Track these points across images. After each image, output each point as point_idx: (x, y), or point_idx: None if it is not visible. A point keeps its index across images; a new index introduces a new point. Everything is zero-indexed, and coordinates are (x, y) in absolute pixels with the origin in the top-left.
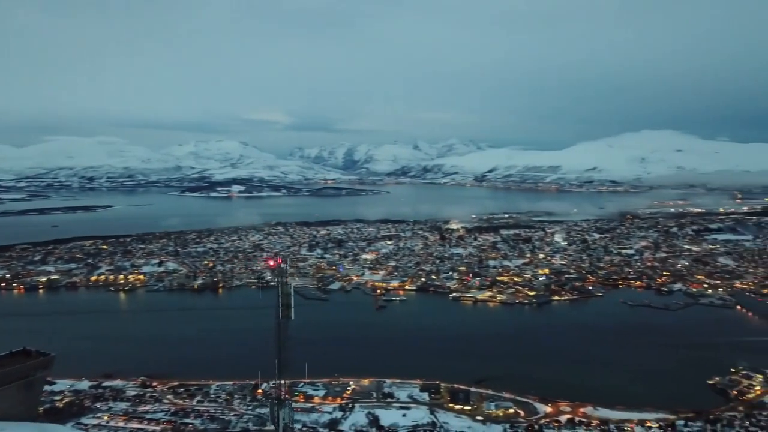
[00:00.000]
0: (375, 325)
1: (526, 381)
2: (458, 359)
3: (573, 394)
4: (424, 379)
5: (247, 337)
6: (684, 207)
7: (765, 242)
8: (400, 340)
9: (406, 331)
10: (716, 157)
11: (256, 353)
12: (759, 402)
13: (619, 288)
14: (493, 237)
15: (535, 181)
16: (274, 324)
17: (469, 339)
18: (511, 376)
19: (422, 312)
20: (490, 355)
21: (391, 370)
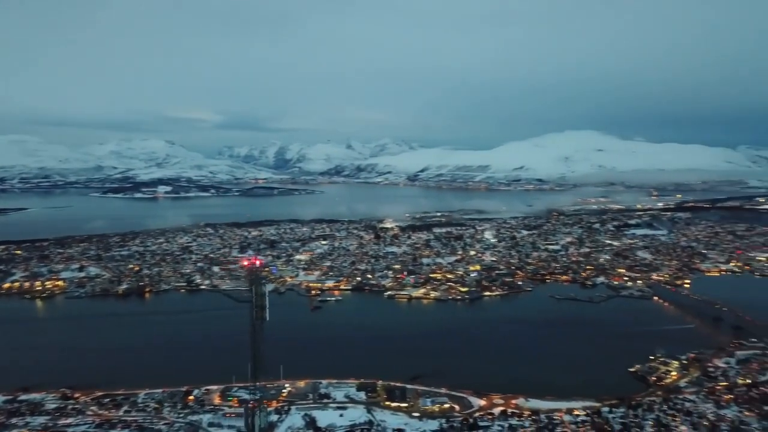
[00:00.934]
0: (310, 326)
1: (460, 376)
2: (394, 357)
3: (505, 387)
4: (361, 379)
5: (178, 342)
6: (605, 204)
7: (678, 236)
8: (335, 341)
9: (342, 331)
10: (633, 157)
11: (188, 358)
12: (675, 387)
13: (546, 282)
14: (427, 235)
15: (466, 180)
16: (249, 325)
17: (404, 336)
18: (445, 372)
19: (358, 311)
20: (425, 352)
21: (327, 371)
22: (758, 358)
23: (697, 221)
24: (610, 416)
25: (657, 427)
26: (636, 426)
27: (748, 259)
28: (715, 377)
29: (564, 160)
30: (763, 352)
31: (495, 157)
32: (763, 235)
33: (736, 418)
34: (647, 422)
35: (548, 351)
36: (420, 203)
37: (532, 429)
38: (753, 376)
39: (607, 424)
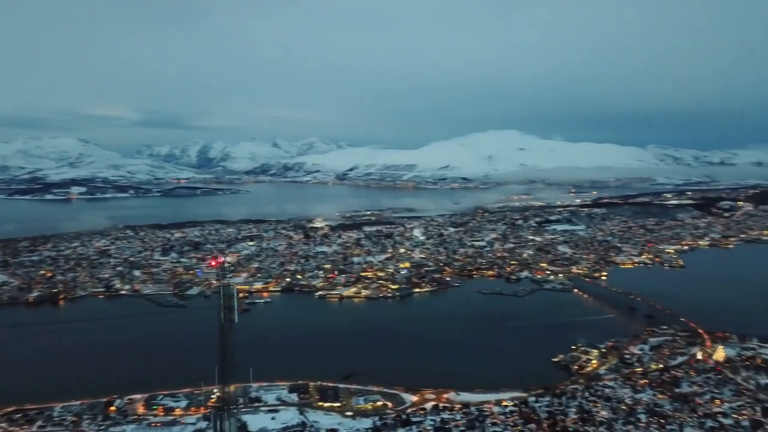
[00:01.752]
0: (239, 329)
1: (392, 373)
2: (326, 357)
3: (436, 382)
4: (293, 380)
5: (97, 351)
6: (527, 201)
7: (595, 231)
8: (265, 343)
9: (272, 332)
10: (553, 155)
11: (109, 367)
12: (596, 374)
13: (473, 278)
14: (357, 234)
15: (394, 179)
16: (217, 328)
17: (336, 336)
18: (378, 370)
19: (288, 312)
20: (358, 351)
21: (257, 374)
22: (669, 343)
23: (612, 216)
24: (536, 405)
25: (580, 413)
26: (561, 413)
27: (658, 252)
28: (631, 363)
29: (488, 159)
30: (673, 338)
31: (422, 156)
32: (670, 228)
33: (650, 401)
34: (571, 409)
35: (476, 344)
36: (350, 202)
37: (464, 422)
38: (664, 361)
39: (533, 413)
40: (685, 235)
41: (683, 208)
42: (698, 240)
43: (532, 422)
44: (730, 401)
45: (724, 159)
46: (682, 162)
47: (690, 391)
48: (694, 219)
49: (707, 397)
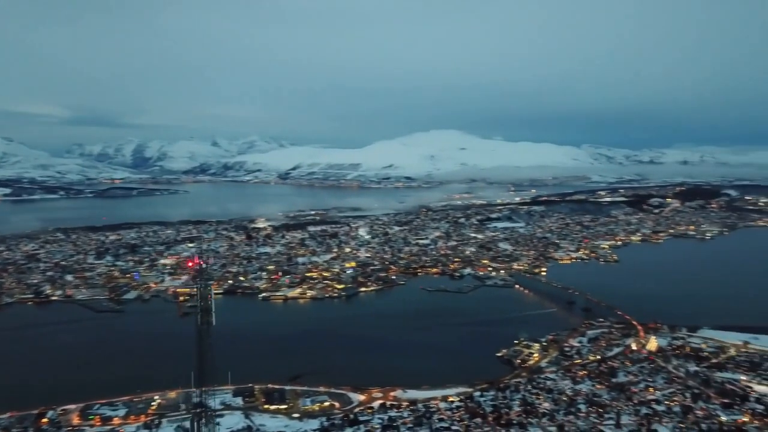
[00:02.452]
0: (179, 333)
1: (339, 373)
2: (272, 359)
3: (383, 380)
4: (237, 384)
5: (27, 360)
6: (469, 199)
7: (535, 228)
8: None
9: (214, 336)
10: (493, 155)
11: (40, 377)
12: (537, 367)
13: (418, 276)
14: (301, 234)
15: (338, 178)
16: (195, 330)
17: (281, 337)
18: (325, 370)
19: (231, 315)
20: (304, 352)
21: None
22: (605, 335)
23: (550, 214)
24: (481, 400)
25: (523, 405)
26: (505, 406)
27: (594, 247)
28: (571, 356)
29: (430, 158)
30: (609, 330)
31: (365, 155)
32: (605, 225)
33: (589, 391)
34: (515, 402)
35: (422, 342)
36: (293, 201)
37: (411, 419)
38: (602, 352)
39: (479, 407)
40: (618, 231)
41: (616, 205)
42: (631, 235)
43: (478, 416)
44: (663, 388)
45: (653, 158)
46: (614, 161)
47: (626, 381)
48: (627, 215)
49: (642, 386)
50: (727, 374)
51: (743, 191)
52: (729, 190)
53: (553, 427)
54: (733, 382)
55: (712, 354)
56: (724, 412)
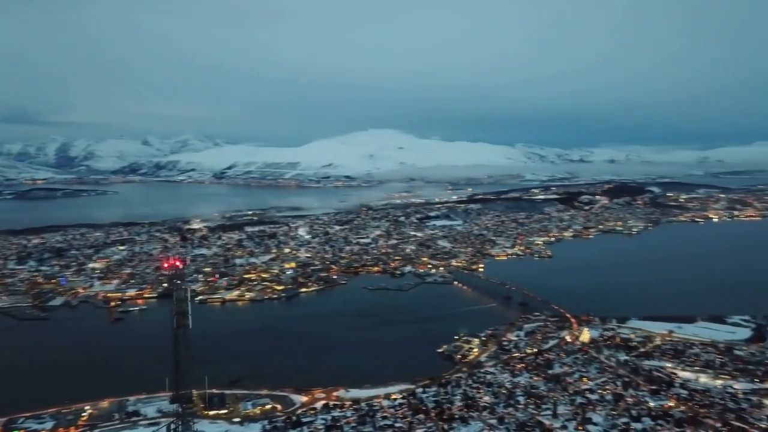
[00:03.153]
0: (111, 340)
1: (280, 375)
2: (210, 363)
3: (326, 380)
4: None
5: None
6: (408, 198)
7: (472, 226)
8: (142, 353)
9: (148, 342)
10: (430, 154)
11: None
12: (477, 362)
13: (359, 275)
14: (239, 235)
15: (276, 177)
16: (171, 334)
17: (220, 341)
18: (266, 372)
19: (166, 320)
20: (244, 355)
21: (134, 387)
22: (541, 329)
23: (486, 211)
24: (424, 396)
25: (465, 400)
26: (447, 402)
27: (529, 243)
28: (509, 349)
29: (369, 157)
30: (544, 323)
31: (304, 154)
32: (539, 221)
33: (527, 383)
34: (456, 397)
35: (365, 340)
36: (230, 201)
37: (354, 418)
38: (538, 345)
39: (422, 404)
40: (551, 227)
41: (549, 202)
42: (563, 232)
43: (421, 413)
44: (596, 378)
45: (583, 157)
46: (546, 159)
47: (561, 372)
48: (559, 212)
49: (576, 376)
50: (654, 362)
51: (665, 188)
52: (653, 187)
53: (494, 419)
54: (660, 370)
55: (640, 343)
56: (652, 398)
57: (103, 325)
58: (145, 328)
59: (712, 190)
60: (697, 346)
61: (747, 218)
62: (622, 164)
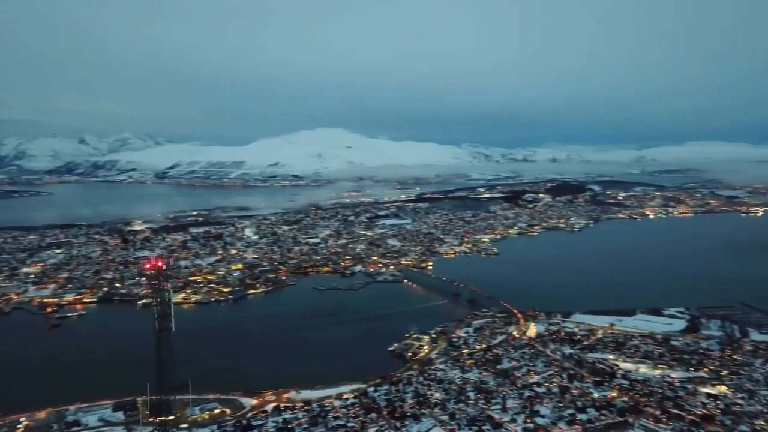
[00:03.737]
0: (48, 347)
1: (229, 378)
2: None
3: (276, 382)
4: (117, 397)
5: None
6: (357, 197)
7: (420, 224)
8: (82, 360)
9: (88, 348)
10: (378, 153)
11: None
12: (428, 359)
13: (309, 275)
14: (183, 236)
15: (220, 177)
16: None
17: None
18: (214, 376)
19: (107, 325)
20: (190, 359)
21: (75, 395)
22: (489, 325)
23: (435, 210)
24: (375, 395)
25: (416, 397)
26: (399, 399)
27: (476, 241)
28: (459, 346)
29: (317, 156)
30: (492, 319)
31: (250, 153)
32: (485, 220)
33: (477, 379)
34: (408, 395)
35: (315, 341)
36: (173, 202)
37: (306, 419)
38: (487, 341)
39: (373, 402)
40: (497, 225)
41: (495, 201)
42: (508, 229)
43: (373, 411)
44: (542, 372)
45: (526, 156)
46: (491, 159)
47: (509, 366)
48: (504, 211)
49: (524, 370)
50: (597, 354)
51: (605, 186)
52: (593, 186)
53: (445, 415)
54: (603, 362)
55: (584, 337)
56: (595, 389)
57: (39, 332)
58: (84, 335)
59: (648, 188)
60: (636, 338)
61: (680, 215)
62: (563, 163)
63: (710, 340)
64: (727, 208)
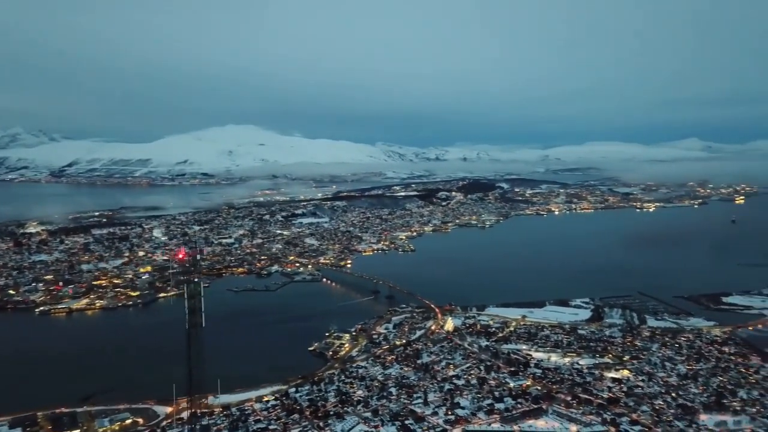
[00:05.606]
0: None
1: (141, 386)
2: (57, 380)
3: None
4: (14, 413)
5: None
6: (273, 196)
7: (338, 223)
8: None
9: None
10: (292, 151)
11: None
12: (349, 357)
13: (223, 276)
14: (85, 238)
15: (124, 175)
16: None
17: (68, 355)
18: (124, 385)
19: (1, 334)
20: (97, 368)
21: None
22: (408, 320)
23: (352, 208)
24: (297, 396)
25: (339, 396)
26: (321, 399)
27: (393, 238)
28: (379, 342)
29: (228, 153)
30: (411, 315)
31: (156, 150)
32: (401, 217)
33: (398, 374)
34: (330, 394)
35: (232, 344)
36: (73, 202)
37: (225, 424)
38: (406, 337)
39: (295, 403)
40: (413, 222)
41: (410, 199)
42: (424, 226)
43: (295, 412)
44: (461, 364)
45: (439, 155)
46: (405, 158)
47: (429, 361)
48: (420, 208)
49: (443, 364)
50: (512, 345)
51: (513, 184)
52: (502, 184)
53: (368, 412)
54: (517, 352)
55: (498, 329)
56: (511, 379)
57: None
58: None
59: (553, 185)
60: (547, 329)
61: (582, 211)
62: (474, 162)
63: (613, 327)
64: (623, 204)
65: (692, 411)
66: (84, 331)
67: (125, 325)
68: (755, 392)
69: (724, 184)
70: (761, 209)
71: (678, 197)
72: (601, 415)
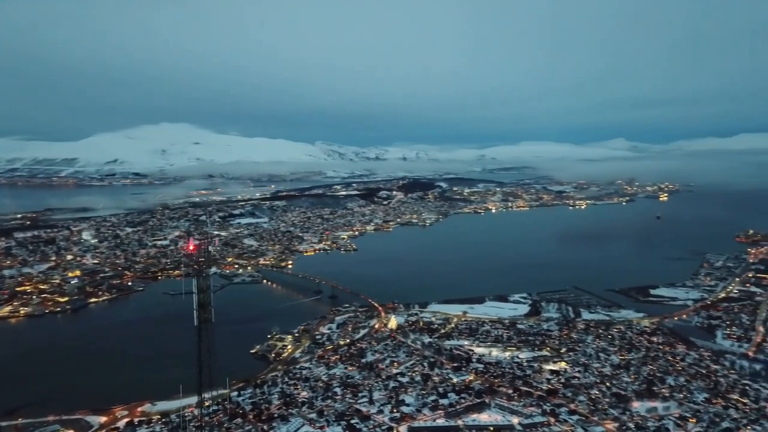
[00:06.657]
0: None
1: (73, 396)
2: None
3: (128, 396)
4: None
5: None
6: (209, 196)
7: (278, 223)
8: None
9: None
10: (229, 150)
11: None
12: (292, 358)
13: (159, 279)
14: (6, 242)
15: (49, 175)
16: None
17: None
18: (54, 396)
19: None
20: (23, 379)
21: None
22: (352, 319)
23: (292, 208)
24: (239, 399)
25: (282, 398)
26: (265, 402)
27: (335, 238)
28: (322, 343)
29: (161, 152)
30: (354, 314)
31: (83, 149)
32: (343, 216)
33: (343, 374)
34: (274, 396)
35: (169, 348)
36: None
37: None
38: (350, 336)
39: (238, 407)
40: (354, 222)
41: (351, 198)
42: (366, 226)
43: (238, 416)
44: (405, 362)
45: (379, 155)
46: (345, 157)
47: (374, 359)
48: (361, 207)
49: (387, 362)
50: (454, 341)
51: (451, 183)
52: (441, 183)
53: (313, 413)
54: (459, 348)
55: (441, 325)
56: (455, 375)
57: None
58: None
59: (490, 184)
60: (487, 324)
61: (518, 208)
62: (413, 162)
63: (550, 321)
64: (557, 202)
65: (625, 399)
66: (8, 341)
67: (53, 333)
68: (682, 379)
69: (649, 183)
70: (683, 206)
71: (607, 195)
72: (541, 406)
